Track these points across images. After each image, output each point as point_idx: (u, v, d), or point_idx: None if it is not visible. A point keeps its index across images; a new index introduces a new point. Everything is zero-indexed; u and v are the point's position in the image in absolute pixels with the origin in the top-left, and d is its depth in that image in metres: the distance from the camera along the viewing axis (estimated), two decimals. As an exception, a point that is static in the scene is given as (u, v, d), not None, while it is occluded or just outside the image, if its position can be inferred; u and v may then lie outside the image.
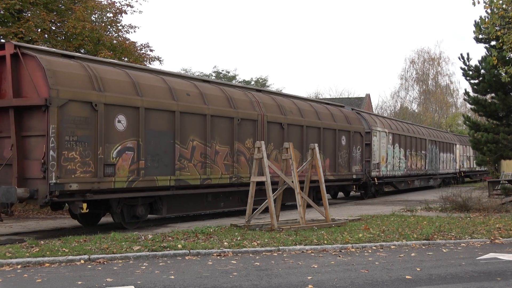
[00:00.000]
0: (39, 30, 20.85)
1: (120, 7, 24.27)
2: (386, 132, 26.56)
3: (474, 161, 44.23)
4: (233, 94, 16.58)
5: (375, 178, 24.95)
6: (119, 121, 12.66)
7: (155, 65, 26.63)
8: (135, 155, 12.97)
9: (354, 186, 24.09)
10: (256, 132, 16.89)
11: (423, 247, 10.82)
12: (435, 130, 39.03)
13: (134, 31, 34.32)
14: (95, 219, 14.39)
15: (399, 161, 28.35)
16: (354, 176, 22.58)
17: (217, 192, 15.82)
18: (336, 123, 21.20)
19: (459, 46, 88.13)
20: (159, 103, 13.60)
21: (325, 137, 20.22)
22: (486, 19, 15.92)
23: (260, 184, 16.59)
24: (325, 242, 10.80)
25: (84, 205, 12.17)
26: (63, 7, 22.34)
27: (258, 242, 10.55)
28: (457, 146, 40.57)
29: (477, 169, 45.81)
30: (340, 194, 25.87)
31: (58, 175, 11.36)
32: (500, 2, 14.22)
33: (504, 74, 18.07)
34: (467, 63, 21.88)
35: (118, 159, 12.61)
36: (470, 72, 21.80)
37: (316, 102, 22.32)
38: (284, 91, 34.35)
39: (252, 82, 51.91)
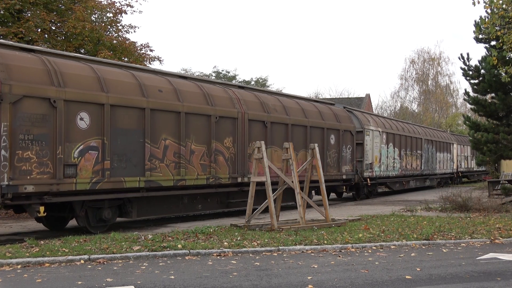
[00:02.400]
0: (39, 30, 20.87)
1: (120, 7, 24.30)
2: (379, 131, 25.89)
3: (472, 161, 43.98)
4: (211, 90, 15.85)
5: (368, 179, 24.18)
6: (81, 119, 11.95)
7: (155, 65, 26.70)
8: (100, 155, 12.25)
9: (344, 187, 23.23)
10: (236, 131, 16.14)
11: (423, 247, 10.82)
12: (432, 129, 38.23)
13: (134, 31, 34.38)
14: (62, 222, 13.76)
15: (394, 161, 27.67)
16: (344, 177, 21.81)
17: (193, 193, 15.09)
18: (325, 121, 20.44)
19: (459, 46, 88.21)
20: (127, 99, 12.90)
21: (312, 136, 19.48)
22: (486, 19, 15.90)
23: (242, 185, 16.18)
24: (325, 242, 10.80)
25: (41, 209, 11.43)
26: (63, 7, 22.36)
27: (258, 242, 10.55)
28: (455, 145, 39.91)
29: (474, 169, 45.20)
30: (333, 195, 25.46)
31: (11, 176, 10.65)
32: (500, 2, 14.21)
33: (504, 74, 18.06)
34: (467, 63, 21.86)
35: (80, 159, 11.89)
36: (470, 72, 21.78)
37: (304, 100, 21.49)
38: (284, 91, 34.28)
39: (252, 82, 51.93)
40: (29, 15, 21.02)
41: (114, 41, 23.53)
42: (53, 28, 22.51)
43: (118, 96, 12.72)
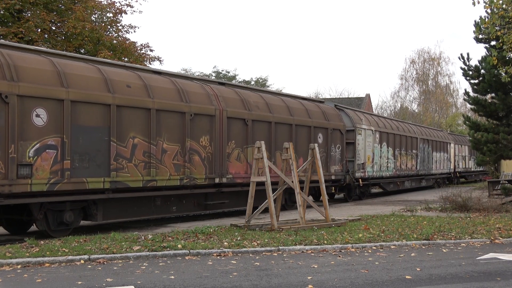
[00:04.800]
0: (39, 30, 20.89)
1: (120, 7, 24.34)
2: (372, 130, 25.00)
3: (470, 161, 43.63)
4: (187, 86, 14.97)
5: (360, 179, 23.31)
6: (37, 115, 11.13)
7: (155, 65, 26.73)
8: (59, 154, 11.44)
9: (333, 188, 22.45)
10: (213, 129, 15.31)
11: (423, 247, 10.82)
12: (428, 128, 37.06)
13: (134, 31, 34.43)
14: (24, 226, 12.94)
15: (387, 161, 26.75)
16: (333, 177, 20.91)
17: (167, 195, 14.24)
18: (312, 119, 19.57)
19: (459, 46, 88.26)
20: (90, 95, 12.08)
21: (297, 135, 18.63)
22: (486, 19, 15.90)
23: (221, 186, 15.71)
24: (325, 242, 10.79)
25: None
26: (63, 7, 22.39)
27: (258, 242, 10.55)
28: (452, 145, 39.01)
29: (472, 169, 44.52)
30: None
31: None
32: (500, 2, 14.21)
33: (504, 74, 18.07)
34: (467, 63, 21.86)
35: (36, 159, 11.06)
36: (470, 72, 21.78)
37: (290, 97, 20.56)
38: (284, 91, 34.13)
39: (252, 82, 51.97)
40: (29, 15, 21.04)
41: (114, 41, 23.56)
42: (53, 28, 22.53)
43: (79, 91, 11.92)
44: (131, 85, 13.25)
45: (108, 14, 24.48)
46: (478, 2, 13.67)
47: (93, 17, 24.01)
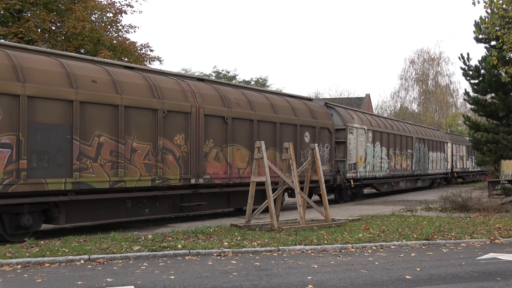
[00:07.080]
0: (39, 30, 20.90)
1: (120, 7, 24.37)
2: (365, 129, 24.13)
3: (468, 161, 43.37)
4: (160, 82, 14.27)
5: (351, 180, 22.52)
6: None
7: (155, 65, 26.73)
8: (14, 153, 10.68)
9: None
10: (189, 127, 14.54)
11: (423, 247, 10.82)
12: (424, 127, 35.82)
13: (134, 31, 34.49)
14: None
15: (381, 161, 25.92)
16: None
17: (139, 196, 13.51)
18: (298, 117, 18.77)
19: (458, 46, 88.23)
20: (50, 90, 11.34)
21: (282, 133, 17.86)
22: (486, 19, 15.91)
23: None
24: (325, 242, 10.80)
25: None
26: (63, 7, 22.42)
27: (258, 242, 10.55)
28: (449, 144, 38.19)
29: (470, 169, 43.91)
30: (315, 197, 24.15)
31: None
32: (500, 2, 14.22)
33: (504, 74, 18.07)
34: (467, 63, 21.88)
35: None
36: (470, 72, 21.79)
37: (275, 94, 19.80)
38: (284, 91, 34.08)
39: (252, 82, 51.94)
40: (29, 15, 21.06)
41: (114, 41, 23.58)
42: (53, 28, 22.55)
43: (38, 86, 11.19)
44: (97, 80, 12.54)
45: (108, 14, 24.50)
46: (478, 2, 13.69)
47: (93, 17, 24.03)
